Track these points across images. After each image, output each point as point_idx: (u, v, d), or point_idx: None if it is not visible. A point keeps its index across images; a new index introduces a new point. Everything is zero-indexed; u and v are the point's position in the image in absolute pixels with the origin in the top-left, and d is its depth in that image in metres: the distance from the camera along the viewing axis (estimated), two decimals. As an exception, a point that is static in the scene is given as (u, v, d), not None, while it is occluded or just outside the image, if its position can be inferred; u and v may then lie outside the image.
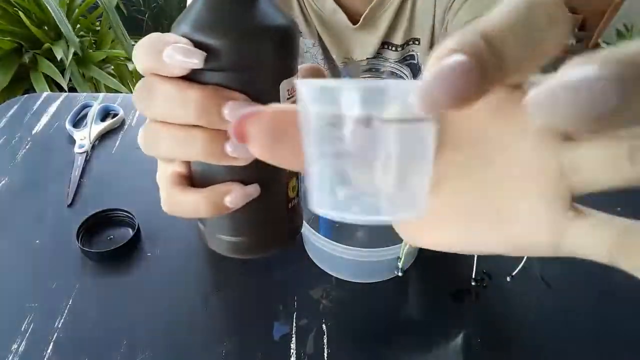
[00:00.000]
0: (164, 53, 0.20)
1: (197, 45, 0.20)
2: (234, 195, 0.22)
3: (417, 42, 0.67)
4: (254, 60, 0.21)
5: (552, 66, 0.16)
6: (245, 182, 0.23)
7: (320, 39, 0.69)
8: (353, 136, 0.16)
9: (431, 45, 0.66)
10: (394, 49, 0.68)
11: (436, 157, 0.19)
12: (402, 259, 0.50)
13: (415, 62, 0.69)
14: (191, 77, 0.21)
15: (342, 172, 0.17)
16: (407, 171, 0.17)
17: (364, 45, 0.68)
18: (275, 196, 0.23)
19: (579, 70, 0.12)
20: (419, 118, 0.16)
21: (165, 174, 0.24)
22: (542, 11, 0.15)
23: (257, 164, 0.21)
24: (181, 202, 0.23)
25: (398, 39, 0.67)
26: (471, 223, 0.19)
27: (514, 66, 0.15)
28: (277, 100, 0.22)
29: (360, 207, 0.18)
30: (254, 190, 0.23)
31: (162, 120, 0.21)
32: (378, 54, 0.69)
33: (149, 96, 0.21)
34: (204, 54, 0.20)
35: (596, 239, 0.15)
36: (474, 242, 0.19)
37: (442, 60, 0.14)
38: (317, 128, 0.17)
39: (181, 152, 0.21)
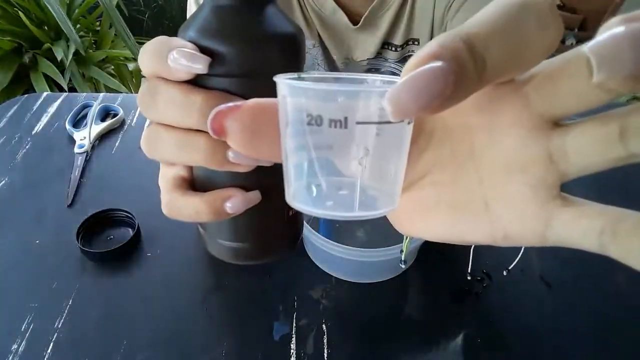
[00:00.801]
0: (169, 57, 0.20)
1: (203, 50, 0.20)
2: (235, 201, 0.22)
3: (416, 43, 0.67)
4: (259, 66, 0.21)
5: None
6: (246, 188, 0.23)
7: (320, 40, 0.69)
8: (329, 135, 0.16)
9: None
10: (394, 49, 0.68)
11: (422, 151, 0.20)
12: (405, 251, 0.50)
13: None
14: (196, 82, 0.21)
15: (318, 166, 0.18)
16: (381, 169, 0.18)
17: (365, 45, 0.68)
18: (276, 203, 0.23)
19: (634, 22, 0.12)
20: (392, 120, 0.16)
21: (167, 177, 0.24)
22: (532, 15, 0.14)
23: (258, 170, 0.21)
24: (182, 206, 0.23)
25: (398, 39, 0.67)
26: (459, 214, 0.19)
27: (496, 71, 0.14)
28: None
29: (335, 202, 0.18)
30: (254, 196, 0.23)
31: (165, 123, 0.21)
32: (378, 55, 0.69)
33: (152, 99, 0.21)
34: (209, 59, 0.20)
35: (585, 227, 0.15)
36: (462, 232, 0.19)
37: (419, 65, 0.13)
38: (295, 122, 0.17)
39: (183, 156, 0.21)
